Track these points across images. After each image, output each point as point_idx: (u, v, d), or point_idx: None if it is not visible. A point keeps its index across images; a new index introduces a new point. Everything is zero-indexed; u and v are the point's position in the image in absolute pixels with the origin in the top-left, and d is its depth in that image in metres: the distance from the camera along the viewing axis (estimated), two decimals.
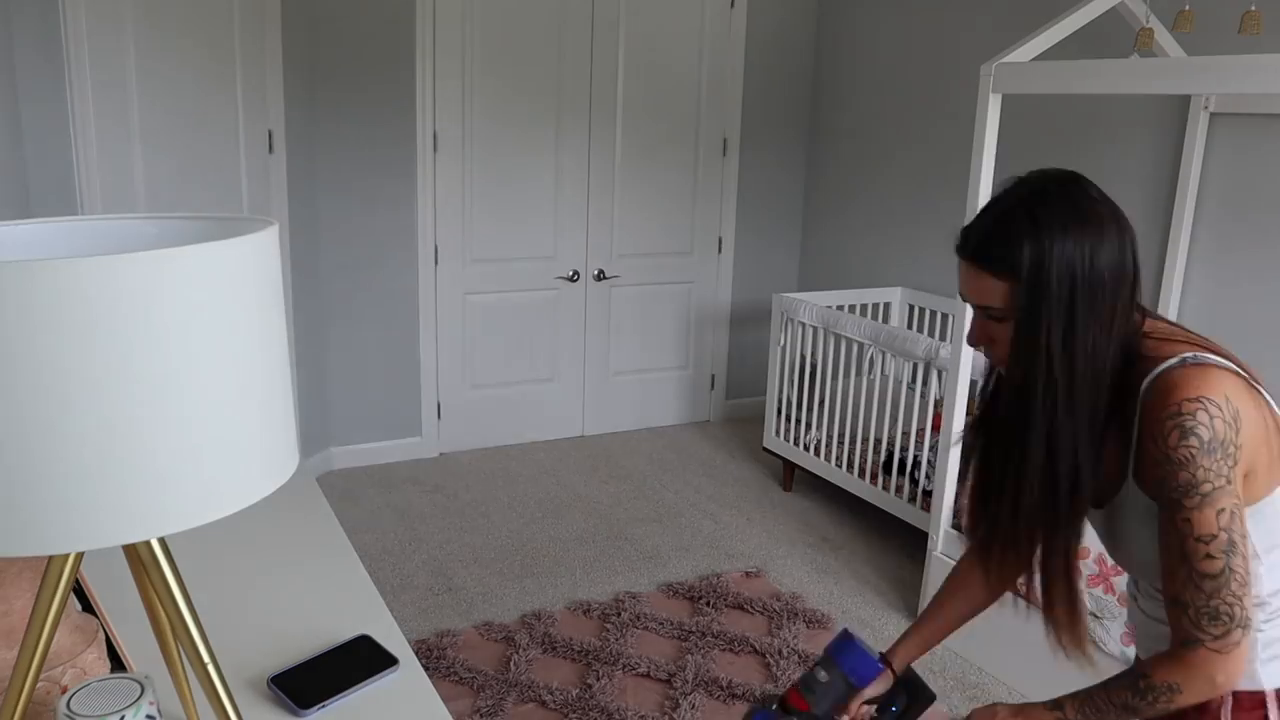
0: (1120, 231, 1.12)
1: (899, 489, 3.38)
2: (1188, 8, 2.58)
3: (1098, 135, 3.34)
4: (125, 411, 0.68)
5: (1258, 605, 1.13)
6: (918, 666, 1.90)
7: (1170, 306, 3.07)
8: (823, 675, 1.35)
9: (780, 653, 2.77)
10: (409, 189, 4.06)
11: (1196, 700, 1.11)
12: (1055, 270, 1.08)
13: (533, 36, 4.14)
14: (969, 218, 2.65)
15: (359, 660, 1.25)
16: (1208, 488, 1.03)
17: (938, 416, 3.49)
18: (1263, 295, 2.87)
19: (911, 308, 4.23)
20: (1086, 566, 2.40)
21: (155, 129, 3.19)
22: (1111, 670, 2.47)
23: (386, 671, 1.23)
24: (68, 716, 0.88)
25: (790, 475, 4.02)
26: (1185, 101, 3.03)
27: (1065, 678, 2.54)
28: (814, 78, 4.78)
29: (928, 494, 3.26)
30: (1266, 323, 2.87)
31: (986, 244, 1.11)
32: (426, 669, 2.63)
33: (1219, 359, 1.10)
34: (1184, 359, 1.09)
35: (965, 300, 1.16)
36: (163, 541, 0.85)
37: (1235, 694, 1.17)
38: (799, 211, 4.93)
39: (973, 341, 1.19)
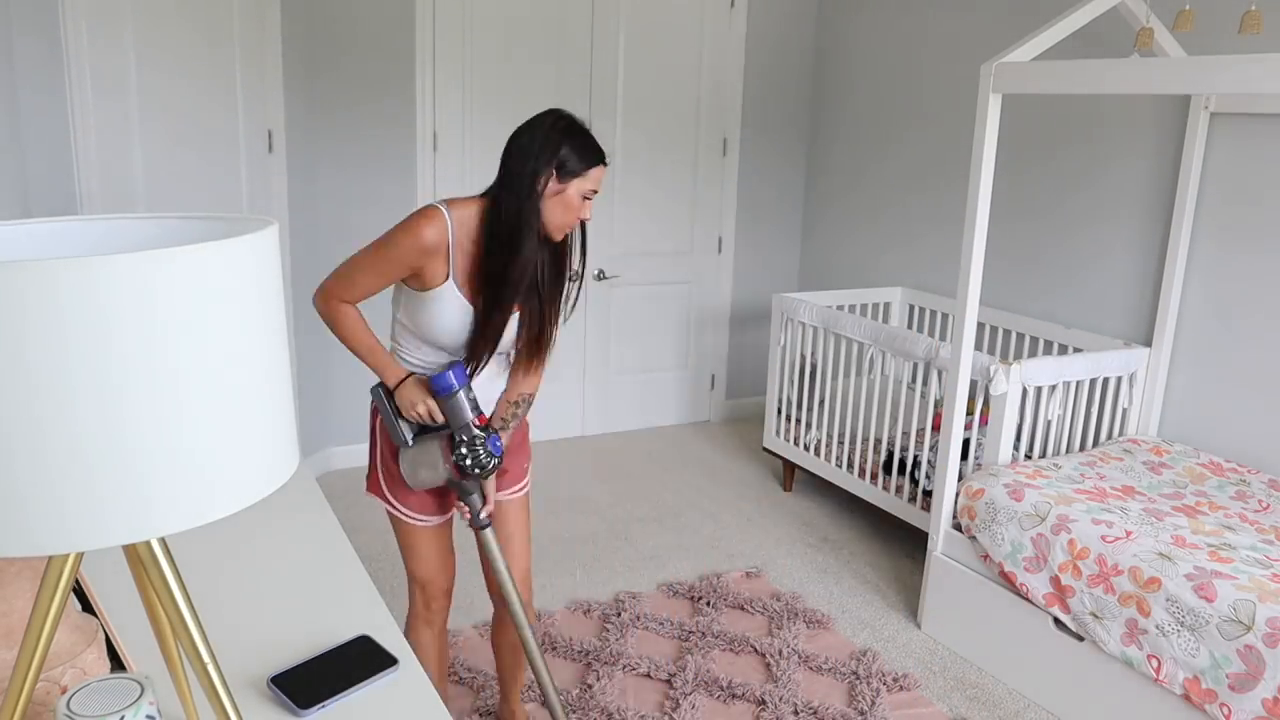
0: None
1: (899, 489, 3.38)
2: (1188, 8, 2.58)
3: (1098, 135, 3.34)
4: (125, 411, 0.68)
5: None
6: None
7: (1170, 305, 3.07)
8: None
9: (780, 653, 2.77)
10: (409, 189, 4.06)
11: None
12: None
13: (533, 36, 4.14)
14: (970, 217, 2.65)
15: (359, 660, 1.25)
16: None
17: (938, 416, 3.49)
18: (1263, 295, 2.87)
19: (911, 308, 4.23)
20: (1087, 566, 2.40)
21: (155, 129, 3.19)
22: (1110, 670, 2.47)
23: (386, 671, 1.23)
24: (68, 716, 0.88)
25: (790, 475, 4.02)
26: (1185, 101, 3.03)
27: (1064, 676, 2.54)
28: (814, 78, 4.78)
29: (928, 494, 3.26)
30: (1266, 322, 2.87)
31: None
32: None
33: None
34: None
35: (589, 197, 1.85)
36: (163, 541, 0.85)
37: None
38: (799, 211, 4.94)
39: (587, 216, 1.88)
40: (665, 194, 4.60)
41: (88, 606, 1.30)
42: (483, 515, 1.99)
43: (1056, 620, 2.53)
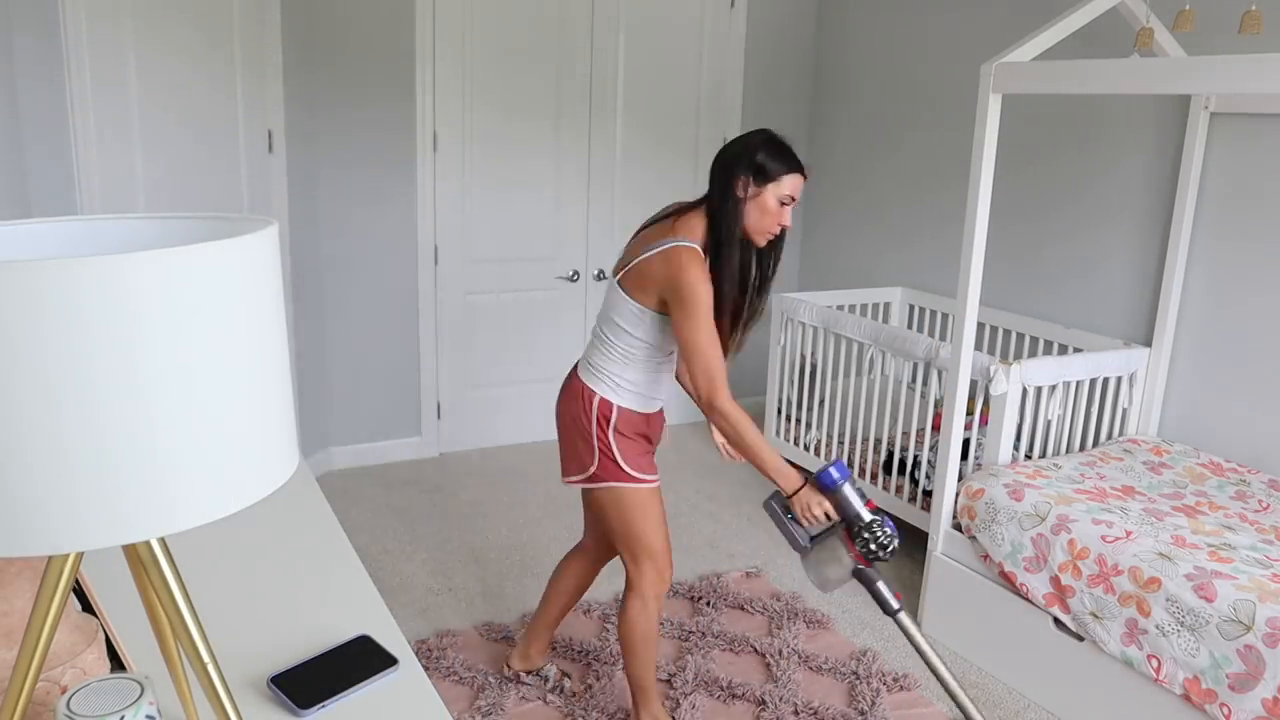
0: None
1: (899, 489, 3.38)
2: (1188, 7, 2.58)
3: (1098, 135, 3.34)
4: (125, 411, 0.68)
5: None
6: None
7: (1170, 305, 3.07)
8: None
9: (780, 653, 2.77)
10: (409, 189, 4.06)
11: None
12: None
13: (533, 36, 4.14)
14: (970, 217, 2.65)
15: (359, 660, 1.25)
16: None
17: (938, 416, 3.49)
18: (1262, 295, 2.87)
19: (911, 308, 4.23)
20: (1087, 566, 2.40)
21: (155, 129, 3.19)
22: (1110, 670, 2.47)
23: (386, 671, 1.23)
24: (68, 716, 0.88)
25: None
26: (1185, 101, 3.03)
27: (1064, 676, 2.54)
28: (814, 77, 4.78)
29: (928, 494, 3.25)
30: (1266, 322, 2.87)
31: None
32: (426, 669, 2.63)
33: None
34: None
35: (789, 203, 1.98)
36: (163, 541, 0.85)
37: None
38: (799, 211, 4.93)
39: (787, 223, 2.01)
40: (666, 194, 4.59)
41: (88, 606, 1.30)
42: (892, 601, 2.02)
43: (1056, 620, 2.53)
